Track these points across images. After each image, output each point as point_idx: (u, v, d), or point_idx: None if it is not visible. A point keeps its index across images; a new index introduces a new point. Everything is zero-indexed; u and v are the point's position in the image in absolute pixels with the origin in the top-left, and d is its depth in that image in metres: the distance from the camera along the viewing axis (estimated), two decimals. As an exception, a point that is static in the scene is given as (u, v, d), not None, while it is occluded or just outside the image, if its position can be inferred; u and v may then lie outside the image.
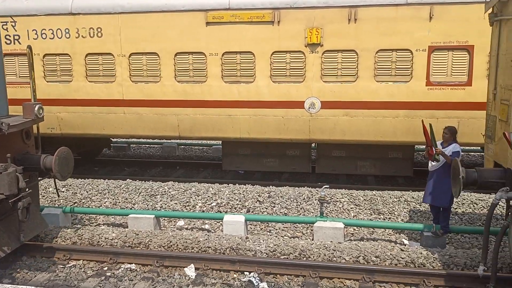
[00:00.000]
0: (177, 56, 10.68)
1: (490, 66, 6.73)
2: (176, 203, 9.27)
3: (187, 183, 10.43)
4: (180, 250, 7.05)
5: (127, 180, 10.76)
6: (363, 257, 6.64)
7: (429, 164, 7.29)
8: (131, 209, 9.09)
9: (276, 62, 10.31)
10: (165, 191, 9.77)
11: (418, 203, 8.94)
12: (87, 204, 9.44)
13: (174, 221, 8.69)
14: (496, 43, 6.34)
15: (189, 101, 10.77)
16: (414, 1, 9.52)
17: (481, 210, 8.71)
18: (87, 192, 9.90)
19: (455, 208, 8.61)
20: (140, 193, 9.74)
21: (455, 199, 7.62)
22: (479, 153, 14.18)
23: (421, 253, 6.71)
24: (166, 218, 8.71)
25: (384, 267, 6.36)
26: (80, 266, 6.84)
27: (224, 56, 10.48)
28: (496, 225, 7.73)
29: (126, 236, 7.47)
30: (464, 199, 9.06)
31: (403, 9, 9.60)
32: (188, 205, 9.21)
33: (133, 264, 6.76)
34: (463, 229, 7.61)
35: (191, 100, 10.76)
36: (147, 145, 16.88)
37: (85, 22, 10.87)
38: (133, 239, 7.32)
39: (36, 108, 6.81)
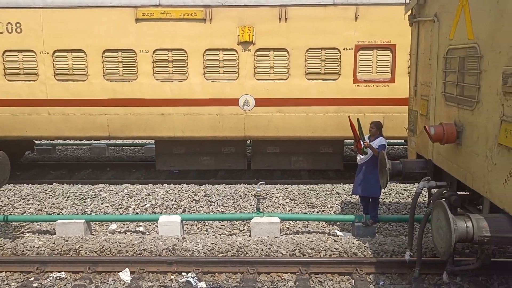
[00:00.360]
0: (106, 53, 10.26)
1: (410, 64, 7.17)
2: (107, 206, 8.91)
3: (119, 185, 10.07)
4: (113, 254, 6.79)
5: (54, 184, 10.17)
6: (299, 250, 6.81)
7: (358, 157, 7.62)
8: (58, 214, 8.62)
9: (209, 59, 10.24)
10: (95, 194, 9.37)
11: (348, 195, 9.33)
12: (8, 211, 8.80)
13: (106, 225, 8.36)
14: (416, 42, 6.77)
15: (119, 100, 10.40)
16: (341, 1, 9.90)
17: (406, 199, 9.28)
18: (8, 198, 9.23)
19: (383, 199, 9.09)
20: (68, 197, 9.26)
21: (382, 190, 8.03)
22: (402, 146, 15.07)
23: (353, 243, 7.01)
24: (97, 222, 8.35)
25: (319, 259, 6.56)
26: (2, 278, 6.36)
27: (156, 53, 10.23)
28: (419, 213, 8.26)
29: (54, 243, 7.06)
30: (391, 190, 9.59)
31: (331, 9, 9.94)
32: (120, 208, 8.90)
33: (63, 272, 6.40)
34: (391, 218, 8.06)
35: (121, 99, 10.39)
36: (74, 147, 16.04)
37: (2, 16, 10.10)
38: (62, 246, 6.94)
39: None
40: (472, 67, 4.78)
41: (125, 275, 6.29)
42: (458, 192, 5.56)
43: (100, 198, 9.20)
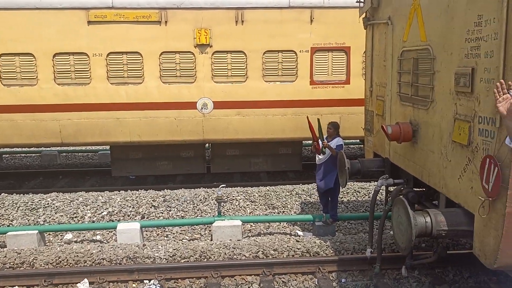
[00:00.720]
0: (56, 57, 9.86)
1: (366, 65, 7.38)
2: (62, 216, 8.55)
3: (73, 193, 9.68)
4: (71, 265, 6.51)
5: (2, 194, 9.63)
6: (262, 251, 6.81)
7: (317, 158, 7.74)
8: (8, 226, 8.16)
9: (166, 62, 10.08)
10: (48, 204, 8.96)
11: (308, 195, 9.45)
12: (-48, 225, 8.25)
13: (61, 235, 8.02)
14: (370, 45, 6.97)
15: (71, 105, 10.01)
16: (296, 4, 10.04)
17: (363, 197, 9.52)
18: (-49, 211, 8.66)
19: (341, 198, 9.28)
20: (18, 207, 8.79)
21: (342, 189, 8.21)
22: (357, 146, 15.48)
23: (315, 242, 7.10)
24: (51, 233, 7.99)
25: (282, 260, 6.60)
26: None
27: (109, 56, 9.95)
28: (377, 210, 8.50)
29: (5, 256, 6.67)
30: (348, 189, 9.81)
31: (286, 12, 10.06)
32: (76, 217, 8.56)
33: (16, 287, 6.07)
34: (350, 216, 8.25)
35: (74, 104, 10.02)
36: (23, 154, 15.28)
37: None
38: (15, 259, 6.57)
39: None
40: (425, 68, 4.98)
41: (84, 286, 6.05)
42: (415, 189, 5.77)
43: (54, 207, 8.81)
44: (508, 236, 3.63)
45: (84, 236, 7.99)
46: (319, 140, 7.37)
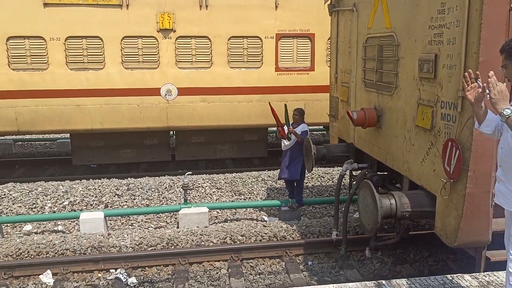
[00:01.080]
0: (10, 41, 9.38)
1: (331, 52, 7.46)
2: (20, 206, 8.23)
3: (32, 183, 9.32)
4: (32, 256, 6.30)
5: (-46, 186, 9.16)
6: (229, 237, 6.84)
7: (282, 144, 7.81)
8: (-38, 218, 7.78)
9: (128, 47, 9.81)
10: (4, 194, 8.59)
11: (274, 181, 9.53)
12: None
13: (20, 226, 7.73)
14: (335, 31, 7.05)
15: (28, 91, 9.58)
16: (261, -10, 9.98)
17: (328, 182, 9.70)
18: None
19: (306, 183, 9.41)
20: (-28, 199, 8.39)
21: (308, 174, 8.31)
22: (321, 132, 15.72)
23: (281, 227, 7.19)
24: (9, 224, 7.68)
25: (249, 245, 6.64)
26: None
27: (68, 41, 9.56)
28: (342, 194, 8.68)
29: (-40, 250, 6.38)
30: (313, 174, 9.95)
31: (251, -2, 10.00)
32: (35, 207, 8.26)
33: (-27, 281, 5.82)
34: (315, 201, 8.40)
35: (31, 90, 9.59)
36: (-25, 144, 14.53)
37: None
38: (-29, 253, 6.29)
39: None
40: (390, 55, 5.09)
41: (47, 278, 5.87)
42: (379, 173, 5.93)
43: (11, 198, 8.46)
44: (467, 216, 3.81)
45: (45, 227, 7.73)
46: (285, 126, 7.43)
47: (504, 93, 2.72)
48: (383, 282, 3.91)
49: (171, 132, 11.86)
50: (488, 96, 2.83)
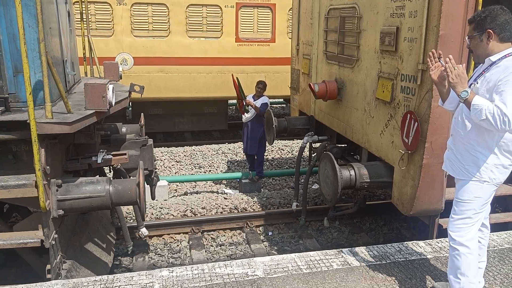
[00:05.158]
0: None
1: (292, 23, 7.39)
2: None
3: None
4: None
5: None
6: (190, 210, 6.80)
7: (243, 117, 7.77)
8: None
9: (79, 13, 9.26)
10: None
11: (234, 154, 9.53)
12: None
13: None
14: (297, 2, 6.96)
15: None
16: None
17: (287, 155, 9.81)
18: None
19: (266, 155, 9.47)
20: None
21: (269, 146, 8.33)
22: (280, 105, 15.78)
23: (242, 199, 7.23)
24: None
25: (210, 217, 6.64)
26: None
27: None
28: (302, 166, 8.81)
29: None
30: (273, 146, 10.03)
31: (211, -36, 9.67)
32: None
33: None
34: (275, 173, 8.48)
35: None
36: None
37: None
38: None
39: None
40: (352, 27, 5.10)
41: None
42: (338, 145, 6.04)
43: None
44: (423, 186, 3.96)
45: None
46: (242, 98, 7.38)
47: (462, 76, 2.80)
48: (343, 250, 4.03)
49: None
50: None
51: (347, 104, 5.30)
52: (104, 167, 4.95)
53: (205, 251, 5.93)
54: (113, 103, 4.06)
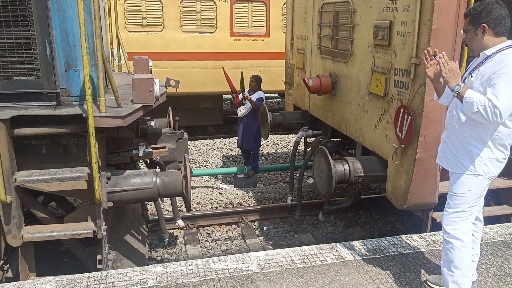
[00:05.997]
0: None
1: (287, 18, 7.36)
2: None
3: None
4: None
5: None
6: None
7: (238, 111, 7.75)
8: None
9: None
10: None
11: (229, 148, 9.52)
12: None
13: None
14: (291, -4, 6.93)
15: None
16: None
17: (282, 149, 9.81)
18: None
19: (261, 150, 9.47)
20: None
21: (264, 141, 8.32)
22: (275, 100, 15.76)
23: (237, 194, 7.24)
24: None
25: (205, 212, 6.65)
26: None
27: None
28: (296, 161, 8.81)
29: None
30: (268, 141, 10.03)
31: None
32: None
33: None
34: (270, 168, 8.48)
35: None
36: None
37: None
38: None
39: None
40: (345, 21, 5.08)
41: None
42: (333, 139, 6.04)
43: None
44: (417, 179, 3.97)
45: None
46: (240, 92, 7.36)
47: (455, 71, 2.82)
48: (338, 244, 4.04)
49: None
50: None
51: (341, 98, 5.30)
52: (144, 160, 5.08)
53: (200, 247, 5.94)
54: (159, 97, 4.09)
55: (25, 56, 3.58)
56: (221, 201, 6.97)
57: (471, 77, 2.92)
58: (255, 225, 6.56)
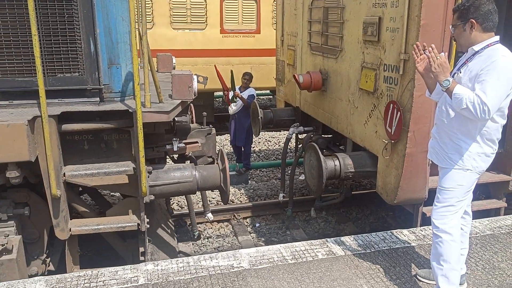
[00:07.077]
0: None
1: (277, 14, 7.35)
2: None
3: None
4: None
5: None
6: (176, 203, 6.79)
7: (229, 109, 7.74)
8: None
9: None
10: None
11: (221, 146, 9.50)
12: None
13: None
14: (281, -8, 6.92)
15: None
16: None
17: (274, 146, 9.81)
18: None
19: (253, 147, 9.47)
20: None
21: (255, 138, 8.32)
22: (267, 96, 15.75)
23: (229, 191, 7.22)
24: None
25: (197, 209, 6.61)
26: None
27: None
28: (288, 157, 8.82)
29: None
30: (260, 138, 10.03)
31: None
32: None
33: None
34: (262, 165, 8.49)
35: None
36: None
37: None
38: None
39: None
40: (335, 17, 5.09)
41: None
42: (323, 135, 6.05)
43: None
44: (407, 175, 4.00)
45: None
46: (231, 90, 7.34)
47: (444, 65, 2.82)
48: (328, 240, 4.05)
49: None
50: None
51: (331, 94, 5.31)
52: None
53: (192, 244, 5.93)
54: (196, 93, 4.17)
55: (70, 53, 3.59)
56: (213, 198, 6.97)
57: (460, 72, 2.93)
58: (247, 222, 6.56)
